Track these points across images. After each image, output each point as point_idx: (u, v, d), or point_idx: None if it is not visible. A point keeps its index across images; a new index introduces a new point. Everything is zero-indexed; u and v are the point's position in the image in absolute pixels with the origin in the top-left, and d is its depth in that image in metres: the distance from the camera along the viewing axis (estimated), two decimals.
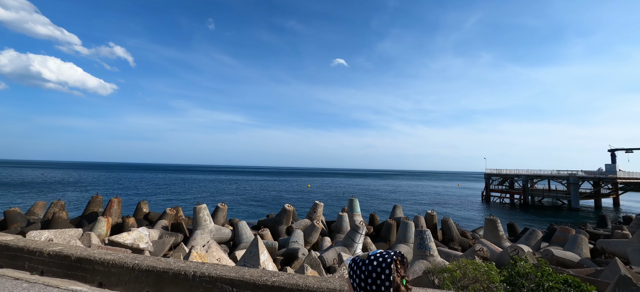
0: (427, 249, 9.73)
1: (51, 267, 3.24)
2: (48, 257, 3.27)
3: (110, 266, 3.02)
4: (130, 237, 9.84)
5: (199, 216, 12.14)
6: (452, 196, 53.25)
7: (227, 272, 2.71)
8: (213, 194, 47.45)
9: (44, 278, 3.21)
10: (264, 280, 2.58)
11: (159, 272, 2.82)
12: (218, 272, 2.71)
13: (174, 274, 2.71)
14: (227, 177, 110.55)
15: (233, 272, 2.78)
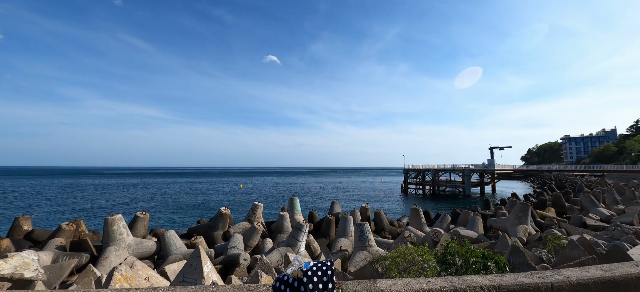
0: (366, 240, 10.46)
1: None
2: None
3: None
4: (8, 266, 7.50)
5: (112, 229, 10.09)
6: (378, 190, 58.87)
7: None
8: (126, 202, 40.35)
9: None
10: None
11: None
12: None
13: None
14: (143, 180, 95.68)
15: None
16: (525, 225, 14.49)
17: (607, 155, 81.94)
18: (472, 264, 5.03)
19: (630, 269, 2.89)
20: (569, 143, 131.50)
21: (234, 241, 11.81)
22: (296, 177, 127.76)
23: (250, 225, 14.29)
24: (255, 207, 14.67)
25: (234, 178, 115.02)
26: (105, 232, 10.08)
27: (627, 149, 76.21)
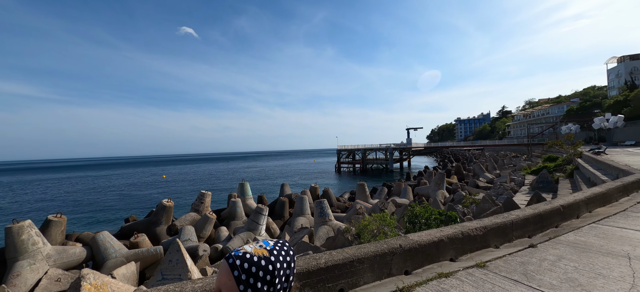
0: (326, 215, 11.20)
1: None
2: None
3: None
4: None
5: (19, 239, 7.97)
6: (313, 170, 61.24)
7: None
8: (9, 207, 30.99)
9: None
10: (311, 265, 2.43)
11: None
12: None
13: None
14: (20, 177, 74.16)
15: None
16: (442, 190, 17.80)
17: (484, 133, 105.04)
18: (433, 220, 6.19)
19: (534, 210, 4.28)
20: (459, 124, 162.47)
21: (186, 233, 10.91)
22: (226, 163, 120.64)
23: (198, 215, 13.29)
24: (203, 196, 13.65)
25: (151, 168, 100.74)
26: (11, 244, 7.90)
27: (497, 128, 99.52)
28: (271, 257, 0.74)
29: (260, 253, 0.73)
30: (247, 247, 0.75)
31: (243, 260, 0.71)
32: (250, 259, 0.72)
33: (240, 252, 0.73)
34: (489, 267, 2.63)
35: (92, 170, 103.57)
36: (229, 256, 0.73)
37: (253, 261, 0.71)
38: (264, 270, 0.71)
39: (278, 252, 0.76)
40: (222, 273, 0.71)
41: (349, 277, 2.56)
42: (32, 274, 7.82)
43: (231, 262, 0.71)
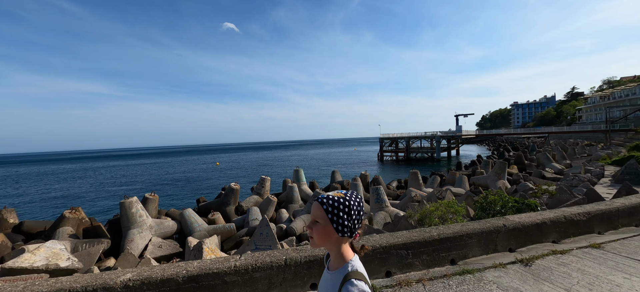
0: (383, 201, 11.43)
1: None
2: None
3: None
4: (39, 258, 7.13)
5: (131, 212, 9.74)
6: (355, 159, 61.26)
7: (402, 239, 2.70)
8: (98, 187, 37.30)
9: None
10: (426, 236, 2.77)
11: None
12: (392, 240, 2.66)
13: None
14: (104, 163, 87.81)
15: (405, 237, 2.78)
16: (503, 180, 16.67)
17: (548, 119, 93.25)
18: (510, 208, 6.05)
19: (624, 201, 3.98)
20: (516, 109, 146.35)
21: (253, 213, 12.09)
22: (270, 151, 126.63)
23: (260, 198, 14.54)
24: (264, 181, 14.85)
25: (204, 156, 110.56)
26: (124, 215, 9.71)
27: (564, 113, 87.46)
28: (346, 197, 1.05)
29: (338, 196, 1.05)
30: (330, 193, 1.08)
31: (328, 199, 1.05)
32: (332, 198, 1.04)
33: (325, 196, 1.06)
34: (605, 248, 2.67)
35: (157, 157, 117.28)
36: (318, 198, 1.07)
37: (335, 199, 1.04)
38: (343, 205, 1.03)
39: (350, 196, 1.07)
40: (315, 208, 1.06)
41: (458, 250, 2.83)
42: (141, 241, 9.56)
43: (319, 201, 1.06)
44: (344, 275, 1.02)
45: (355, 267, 1.04)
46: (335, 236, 1.04)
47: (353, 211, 1.04)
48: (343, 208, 1.03)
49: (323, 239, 1.06)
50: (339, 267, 1.06)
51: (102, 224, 11.42)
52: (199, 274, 2.24)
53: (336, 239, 1.05)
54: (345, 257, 1.06)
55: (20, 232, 11.78)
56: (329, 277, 1.09)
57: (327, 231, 1.04)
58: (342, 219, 1.03)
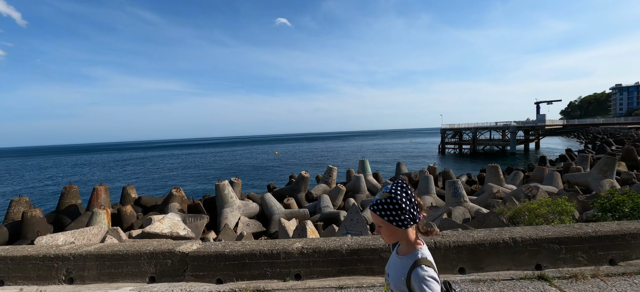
0: (461, 196, 10.78)
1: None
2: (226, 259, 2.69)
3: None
4: (165, 226, 8.70)
5: (224, 193, 11.19)
6: (414, 151, 58.45)
7: (553, 233, 2.64)
8: (178, 171, 43.63)
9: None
10: (580, 232, 2.62)
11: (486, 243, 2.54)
12: (541, 234, 2.62)
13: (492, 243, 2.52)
14: (180, 151, 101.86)
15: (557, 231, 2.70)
16: (610, 179, 14.03)
17: None
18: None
19: None
20: (619, 93, 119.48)
21: (324, 200, 12.66)
22: (322, 142, 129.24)
23: (327, 187, 15.11)
24: (331, 170, 15.36)
25: (263, 146, 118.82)
26: (219, 196, 11.20)
27: None
28: (392, 195, 1.12)
29: (384, 196, 1.14)
30: (377, 196, 1.17)
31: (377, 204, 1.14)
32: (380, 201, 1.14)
33: (374, 202, 1.15)
34: None
35: (222, 147, 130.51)
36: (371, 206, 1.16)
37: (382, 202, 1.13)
38: (393, 203, 1.11)
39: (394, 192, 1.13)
40: (372, 216, 1.18)
41: (619, 250, 2.57)
42: (233, 218, 10.93)
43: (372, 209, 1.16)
44: (413, 261, 1.13)
45: (425, 255, 1.14)
46: (400, 231, 1.14)
47: (403, 204, 1.11)
48: (393, 207, 1.12)
49: (392, 237, 1.18)
50: (409, 253, 1.16)
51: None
52: (359, 248, 2.51)
53: (402, 232, 1.15)
54: (415, 244, 1.16)
55: (139, 205, 14.56)
56: (398, 261, 1.21)
57: (391, 230, 1.15)
58: (397, 215, 1.11)
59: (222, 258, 2.49)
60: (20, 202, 12.56)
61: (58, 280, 2.57)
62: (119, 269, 2.53)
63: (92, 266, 2.55)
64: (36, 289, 2.41)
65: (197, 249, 2.60)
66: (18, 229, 11.16)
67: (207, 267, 2.50)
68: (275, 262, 2.48)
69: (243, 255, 2.48)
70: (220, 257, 2.50)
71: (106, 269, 2.53)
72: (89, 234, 7.73)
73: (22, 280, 2.58)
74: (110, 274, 2.54)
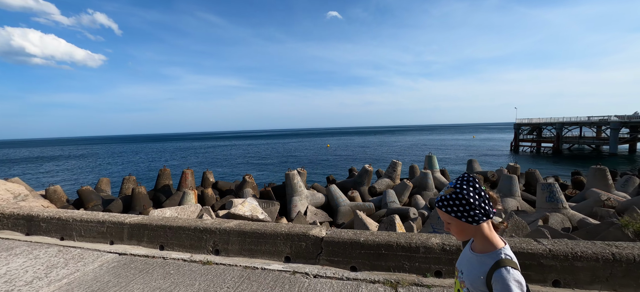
0: (559, 201, 9.26)
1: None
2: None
3: None
4: (247, 209, 9.43)
5: (293, 182, 11.68)
6: (479, 148, 52.96)
7: None
8: (240, 159, 47.57)
9: None
10: None
11: None
12: None
13: None
14: (243, 142, 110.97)
15: None
16: None
17: None
18: None
19: None
20: None
21: (390, 196, 12.25)
22: (374, 136, 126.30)
23: (391, 182, 14.61)
24: (395, 165, 14.80)
25: (315, 138, 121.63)
26: (289, 184, 11.74)
27: None
28: (457, 190, 1.03)
29: (449, 192, 1.05)
30: (442, 192, 1.09)
31: (442, 201, 1.06)
32: (445, 197, 1.06)
33: (438, 199, 1.08)
34: None
35: (276, 139, 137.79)
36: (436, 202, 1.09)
37: (448, 198, 1.05)
38: (459, 198, 1.02)
39: (460, 184, 1.04)
40: (440, 213, 1.09)
41: None
42: (302, 207, 11.36)
43: (438, 205, 1.08)
44: (495, 260, 1.00)
45: (509, 256, 1.02)
46: (471, 227, 1.04)
47: (471, 198, 1.02)
48: (459, 202, 1.02)
49: (463, 234, 1.07)
50: (488, 251, 1.04)
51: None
52: (517, 251, 2.23)
53: (474, 229, 1.05)
54: (495, 242, 1.05)
55: (216, 188, 16.21)
56: (474, 258, 1.09)
57: (461, 227, 1.04)
58: (466, 210, 1.02)
59: (356, 246, 2.48)
60: (130, 180, 15.15)
61: (206, 250, 2.87)
62: (258, 246, 2.72)
63: (234, 241, 2.79)
64: (189, 255, 2.71)
65: (331, 235, 2.63)
66: (129, 202, 13.47)
67: (342, 254, 2.51)
68: (413, 256, 2.37)
69: (379, 245, 2.43)
70: (355, 244, 2.48)
71: (247, 245, 2.75)
72: (188, 210, 8.80)
73: (178, 246, 2.96)
74: (251, 250, 2.74)
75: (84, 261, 2.38)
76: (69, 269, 2.23)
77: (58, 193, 13.64)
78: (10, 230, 3.82)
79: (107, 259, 2.46)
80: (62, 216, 3.52)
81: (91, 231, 3.32)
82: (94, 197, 14.37)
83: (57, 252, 2.64)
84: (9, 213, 3.86)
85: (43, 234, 3.59)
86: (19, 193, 11.61)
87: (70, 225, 3.43)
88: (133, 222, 3.14)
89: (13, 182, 12.22)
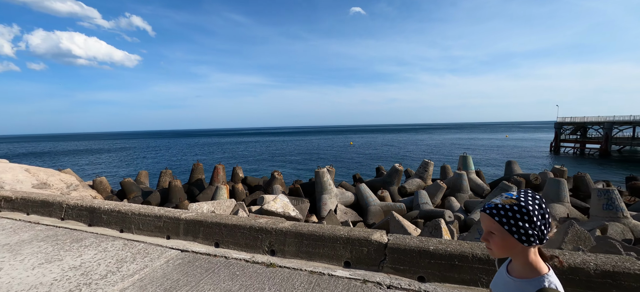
0: (619, 210, 8.36)
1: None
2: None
3: None
4: (278, 206, 9.49)
5: (323, 180, 11.62)
6: (513, 148, 49.74)
7: None
8: (268, 156, 48.58)
9: None
10: None
11: None
12: None
13: None
14: (266, 139, 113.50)
15: None
16: None
17: None
18: None
19: None
20: None
21: (422, 197, 11.79)
22: (397, 134, 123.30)
23: (422, 182, 14.08)
24: (427, 165, 14.24)
25: (337, 136, 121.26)
26: (319, 182, 11.69)
27: None
28: (521, 202, 0.91)
29: (510, 202, 0.92)
30: (495, 200, 0.97)
31: (498, 209, 0.93)
32: (503, 206, 0.92)
33: (492, 205, 0.96)
34: None
35: (298, 135, 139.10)
36: (485, 208, 0.96)
37: (507, 207, 0.91)
38: (522, 213, 0.89)
39: (525, 199, 0.92)
40: (485, 219, 0.96)
41: None
42: (331, 205, 11.28)
43: (488, 212, 0.95)
44: (538, 289, 0.90)
45: (554, 285, 0.89)
46: (519, 247, 0.92)
47: (535, 216, 0.90)
48: (521, 216, 0.90)
49: (504, 251, 0.96)
50: (529, 277, 0.93)
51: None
52: (615, 271, 1.93)
53: (521, 249, 0.93)
54: (538, 268, 0.93)
55: (245, 184, 16.61)
56: (511, 283, 0.98)
57: (508, 242, 0.92)
58: (524, 227, 0.90)
59: (425, 255, 2.31)
60: (167, 173, 15.96)
61: (262, 250, 2.82)
62: (315, 248, 2.63)
63: (291, 242, 2.72)
64: (250, 255, 2.67)
65: (395, 241, 2.48)
66: (166, 194, 14.18)
67: (408, 262, 2.35)
68: (492, 269, 2.15)
69: (452, 255, 2.24)
70: (424, 253, 2.31)
71: (304, 247, 2.66)
72: (223, 205, 9.02)
73: (233, 244, 2.94)
74: (308, 252, 2.65)
75: (149, 256, 2.43)
76: (138, 264, 2.28)
77: (103, 184, 14.68)
78: (74, 220, 4.04)
79: (171, 256, 2.49)
80: (121, 208, 3.67)
81: (148, 224, 3.42)
82: (134, 189, 15.30)
83: (123, 245, 2.73)
84: (73, 204, 4.10)
85: (104, 226, 3.76)
86: (71, 183, 12.58)
87: (129, 218, 3.56)
88: (189, 218, 3.19)
89: (66, 173, 13.29)
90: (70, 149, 79.08)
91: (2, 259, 2.45)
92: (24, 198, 4.56)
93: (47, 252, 2.57)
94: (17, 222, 3.74)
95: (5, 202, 4.76)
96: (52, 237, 3.05)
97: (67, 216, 4.08)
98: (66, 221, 3.98)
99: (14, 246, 2.79)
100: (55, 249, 2.65)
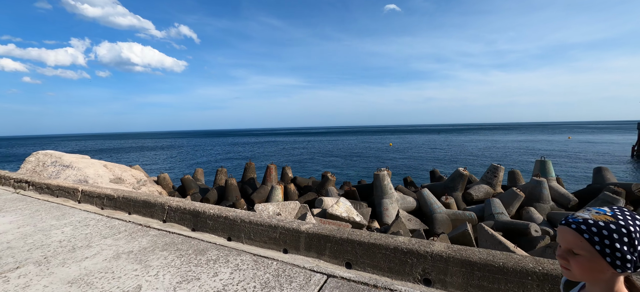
0: None
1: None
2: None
3: None
4: (342, 209, 9.05)
5: (384, 184, 10.96)
6: (580, 151, 43.73)
7: None
8: (309, 155, 49.00)
9: None
10: None
11: None
12: None
13: None
14: (302, 138, 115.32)
15: None
16: None
17: None
18: None
19: None
20: None
21: (496, 206, 10.50)
22: (437, 135, 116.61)
23: (490, 188, 12.67)
24: (497, 170, 12.80)
25: (374, 136, 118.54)
26: (378, 186, 11.06)
27: None
28: (619, 221, 0.73)
29: (605, 219, 0.74)
30: (584, 215, 0.77)
31: (589, 225, 0.74)
32: (596, 223, 0.74)
33: (580, 219, 0.76)
34: None
35: (334, 135, 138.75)
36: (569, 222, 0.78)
37: (600, 224, 0.73)
38: (620, 233, 0.72)
39: (623, 216, 0.74)
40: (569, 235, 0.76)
41: None
42: (393, 211, 10.57)
43: (575, 227, 0.75)
44: None
45: None
46: (608, 273, 0.74)
47: (636, 239, 0.71)
48: (619, 237, 0.71)
49: (589, 275, 0.76)
50: None
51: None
52: None
53: (610, 277, 0.75)
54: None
55: (295, 184, 16.54)
56: None
57: (597, 266, 0.74)
58: (622, 251, 0.71)
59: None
60: (222, 171, 16.56)
61: (413, 278, 2.32)
62: (493, 283, 2.05)
63: (455, 272, 2.18)
64: (403, 284, 2.17)
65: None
66: (223, 192, 14.64)
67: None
68: None
69: None
70: None
71: (476, 280, 2.10)
72: (288, 207, 8.80)
73: (371, 267, 2.48)
74: (482, 287, 2.08)
75: (296, 281, 2.07)
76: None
77: (166, 180, 15.63)
78: (177, 224, 3.94)
79: (319, 281, 2.11)
80: (228, 215, 3.45)
81: (261, 235, 3.13)
82: (193, 186, 16.07)
83: (254, 263, 2.42)
84: (175, 206, 4.00)
85: (209, 232, 3.58)
86: (140, 178, 13.50)
87: (238, 226, 3.32)
88: (310, 232, 2.81)
89: (135, 169, 14.33)
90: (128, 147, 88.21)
91: (135, 272, 2.29)
92: (125, 197, 4.67)
93: (176, 266, 2.37)
94: (128, 224, 3.75)
95: (108, 201, 4.94)
96: (171, 244, 2.90)
97: (169, 218, 4.01)
98: (168, 224, 3.91)
99: (138, 254, 2.67)
100: (183, 262, 2.45)
